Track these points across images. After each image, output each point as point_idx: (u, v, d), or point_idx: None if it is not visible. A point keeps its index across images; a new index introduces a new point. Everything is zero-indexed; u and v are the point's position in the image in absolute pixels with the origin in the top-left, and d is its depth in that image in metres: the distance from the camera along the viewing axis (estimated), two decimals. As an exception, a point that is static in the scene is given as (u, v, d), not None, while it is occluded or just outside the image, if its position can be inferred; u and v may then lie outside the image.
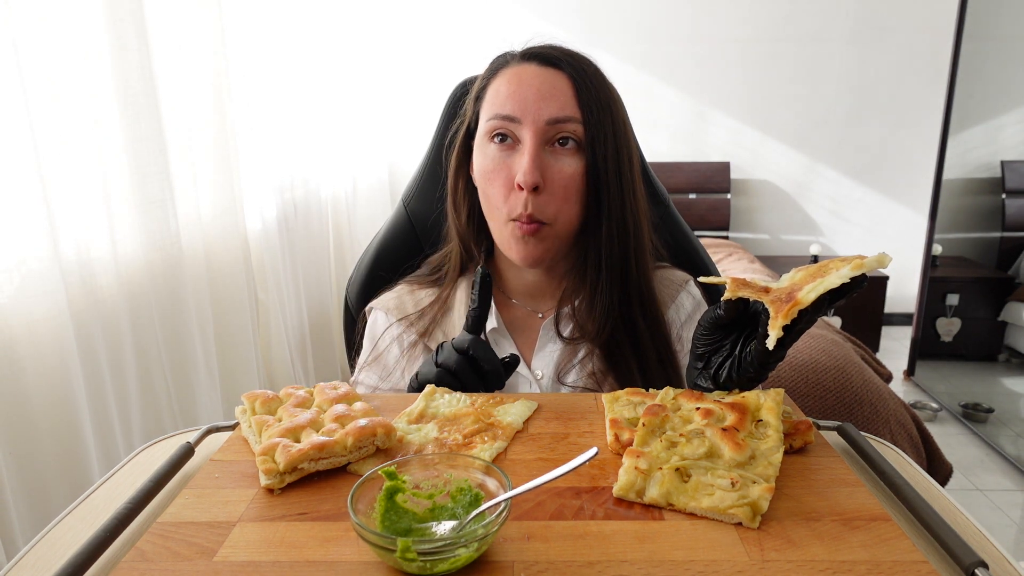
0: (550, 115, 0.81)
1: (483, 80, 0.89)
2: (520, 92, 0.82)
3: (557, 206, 0.83)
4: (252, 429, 0.64)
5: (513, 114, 0.82)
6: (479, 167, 0.87)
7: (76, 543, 0.49)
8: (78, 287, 1.31)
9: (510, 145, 0.83)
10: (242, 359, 1.88)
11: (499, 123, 0.83)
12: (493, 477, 0.51)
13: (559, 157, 0.83)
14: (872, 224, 4.00)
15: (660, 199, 1.09)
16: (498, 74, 0.87)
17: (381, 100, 3.22)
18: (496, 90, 0.85)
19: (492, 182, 0.84)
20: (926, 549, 0.50)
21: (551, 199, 0.82)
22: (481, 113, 0.87)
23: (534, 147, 0.81)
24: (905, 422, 1.98)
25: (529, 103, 0.82)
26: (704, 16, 3.79)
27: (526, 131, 0.82)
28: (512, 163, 0.83)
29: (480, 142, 0.87)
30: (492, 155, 0.84)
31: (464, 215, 0.94)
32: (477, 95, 0.89)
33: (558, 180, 0.82)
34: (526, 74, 0.84)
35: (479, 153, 0.87)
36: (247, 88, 1.94)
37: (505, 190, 0.83)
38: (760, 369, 0.64)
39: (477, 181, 0.89)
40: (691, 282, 0.98)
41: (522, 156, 0.81)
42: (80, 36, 1.29)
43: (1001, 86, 3.16)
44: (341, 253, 2.80)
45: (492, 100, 0.85)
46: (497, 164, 0.83)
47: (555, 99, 0.82)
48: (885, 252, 0.57)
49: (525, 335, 0.95)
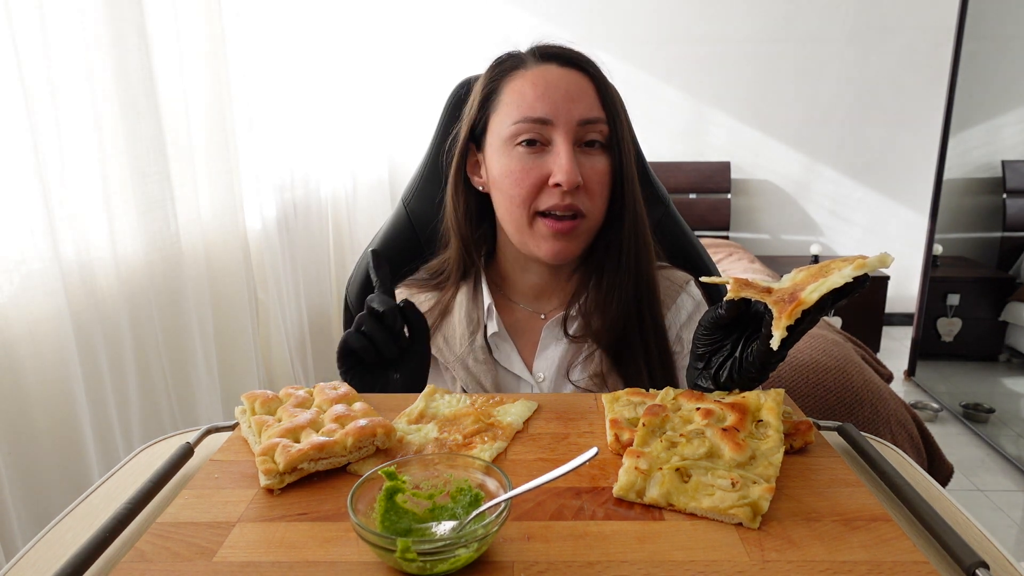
0: (581, 116, 0.83)
1: (491, 82, 0.88)
2: (549, 93, 0.82)
3: (593, 201, 0.85)
4: (252, 429, 0.64)
5: (545, 116, 0.82)
6: (502, 169, 0.85)
7: (76, 543, 0.49)
8: (78, 287, 1.30)
9: (538, 147, 0.83)
10: (242, 359, 1.88)
11: (529, 126, 0.83)
12: (493, 477, 0.51)
13: (590, 156, 0.84)
14: (872, 224, 4.00)
15: (660, 199, 1.09)
16: (513, 76, 0.86)
17: (381, 99, 3.21)
18: (519, 92, 0.84)
19: (520, 182, 0.84)
20: (927, 549, 0.50)
21: (588, 195, 0.84)
22: (497, 116, 0.86)
23: (570, 147, 0.82)
24: (906, 422, 1.98)
25: (560, 104, 0.82)
26: (704, 16, 3.79)
27: (559, 132, 0.82)
28: (544, 164, 0.83)
29: (500, 145, 0.86)
30: (519, 157, 0.84)
31: (463, 217, 0.94)
32: (486, 97, 0.88)
33: (593, 177, 0.84)
34: (551, 75, 0.84)
35: (500, 155, 0.86)
36: (247, 88, 1.94)
37: (536, 188, 0.83)
38: (761, 370, 0.64)
39: (496, 182, 0.87)
40: (691, 283, 0.98)
41: (558, 156, 0.82)
42: (80, 36, 1.29)
43: (1001, 86, 3.16)
44: (341, 253, 2.80)
45: (516, 103, 0.84)
46: (526, 165, 0.83)
47: (583, 100, 0.83)
48: (887, 252, 0.57)
49: (527, 337, 0.95)
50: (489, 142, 0.88)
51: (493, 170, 0.87)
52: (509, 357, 0.93)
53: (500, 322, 0.94)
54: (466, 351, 0.91)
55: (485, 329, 0.93)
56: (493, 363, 0.92)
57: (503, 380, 0.92)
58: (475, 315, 0.93)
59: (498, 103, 0.87)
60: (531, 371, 0.93)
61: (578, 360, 0.91)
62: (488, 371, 0.91)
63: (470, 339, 0.92)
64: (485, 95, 0.88)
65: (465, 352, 0.91)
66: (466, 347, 0.91)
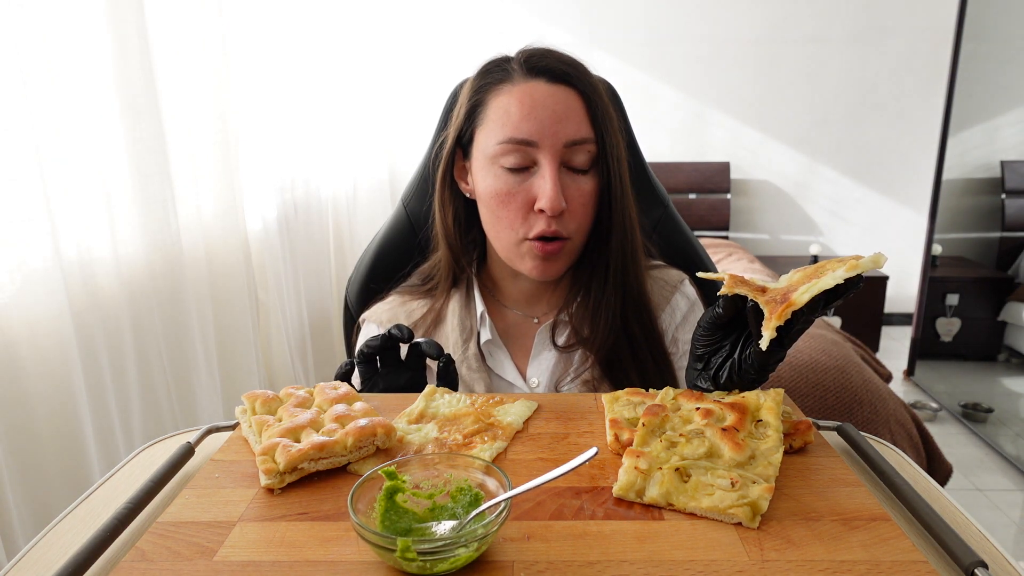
0: (568, 136, 0.80)
1: (477, 93, 0.85)
2: (535, 114, 0.80)
3: (577, 222, 0.84)
4: (252, 429, 0.64)
5: (530, 138, 0.80)
6: (487, 188, 0.84)
7: (76, 543, 0.49)
8: (79, 287, 1.31)
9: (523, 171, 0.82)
10: (242, 359, 1.88)
11: (513, 147, 0.80)
12: (493, 477, 0.51)
13: (575, 177, 0.83)
14: (872, 224, 4.00)
15: (660, 199, 1.09)
16: (499, 90, 0.83)
17: (381, 101, 3.21)
18: (504, 110, 0.82)
19: (506, 204, 0.82)
20: (926, 549, 0.50)
21: (572, 217, 0.83)
22: (483, 131, 0.84)
23: (555, 172, 0.80)
24: (905, 422, 1.98)
25: (546, 126, 0.80)
26: (704, 16, 3.79)
27: (544, 155, 0.80)
28: (529, 187, 0.81)
29: (485, 162, 0.84)
30: (504, 178, 0.82)
31: (452, 223, 0.92)
32: (472, 109, 0.86)
33: (577, 199, 0.83)
34: (538, 93, 0.81)
35: (485, 173, 0.84)
36: (247, 88, 1.94)
37: (522, 212, 0.82)
38: (760, 370, 0.64)
39: (482, 198, 0.86)
40: (686, 281, 0.97)
41: (543, 180, 0.80)
42: (81, 36, 1.29)
43: (1001, 86, 3.17)
44: (341, 253, 2.80)
45: (501, 121, 0.82)
46: (511, 187, 0.82)
47: (570, 120, 0.81)
48: (881, 252, 0.57)
49: (520, 342, 0.94)
50: (475, 155, 0.86)
51: (479, 185, 0.86)
52: (503, 364, 0.92)
53: (493, 329, 0.93)
54: (459, 359, 0.90)
55: (478, 337, 0.92)
56: (487, 371, 0.91)
57: (497, 387, 0.92)
58: (468, 323, 0.92)
59: (484, 117, 0.84)
60: (525, 377, 0.92)
61: (571, 367, 0.90)
62: (482, 379, 0.90)
63: (463, 347, 0.91)
64: (472, 106, 0.86)
65: (458, 360, 0.90)
66: (459, 355, 0.90)
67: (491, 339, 0.92)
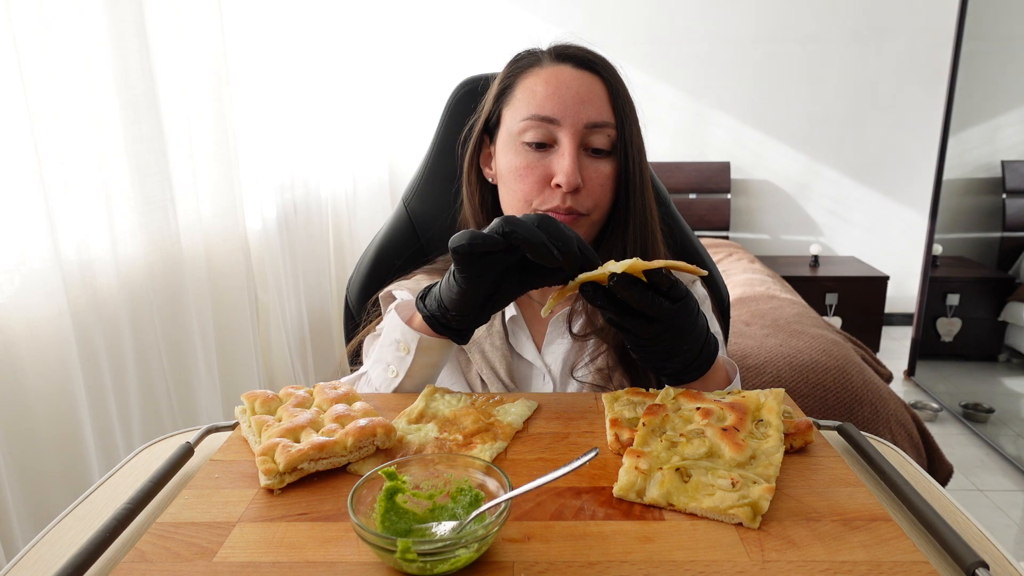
0: (589, 118, 0.83)
1: (508, 78, 0.89)
2: (559, 93, 0.83)
3: (594, 200, 0.85)
4: (252, 429, 0.64)
5: (553, 115, 0.83)
6: (507, 164, 0.87)
7: (76, 543, 0.49)
8: (78, 287, 1.31)
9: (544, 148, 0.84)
10: (242, 359, 1.88)
11: (536, 123, 0.83)
12: (493, 477, 0.51)
13: (594, 159, 0.85)
14: (872, 224, 4.00)
15: (660, 199, 1.09)
16: (528, 73, 0.87)
17: (381, 100, 3.21)
18: (530, 89, 0.85)
19: (523, 179, 0.84)
20: (927, 549, 0.50)
21: (588, 195, 0.85)
22: (509, 111, 0.87)
23: (575, 149, 0.82)
24: (905, 422, 1.98)
25: (569, 105, 0.82)
26: (705, 16, 3.79)
27: (565, 133, 0.83)
28: (549, 163, 0.84)
29: (508, 140, 0.87)
30: (524, 153, 0.85)
31: (479, 208, 0.95)
32: (501, 91, 0.89)
33: (595, 180, 0.84)
34: (564, 75, 0.84)
35: (507, 151, 0.87)
36: (247, 88, 1.94)
37: (539, 186, 0.84)
38: (640, 351, 0.69)
39: (502, 176, 0.89)
40: (697, 281, 0.99)
41: (562, 157, 0.82)
42: (81, 36, 1.29)
43: (1001, 86, 3.16)
44: (341, 253, 2.80)
45: (526, 99, 0.85)
46: (531, 162, 0.84)
47: (593, 103, 0.83)
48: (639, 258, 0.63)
49: (536, 326, 0.96)
50: (500, 136, 0.89)
51: (500, 164, 0.89)
52: (523, 344, 0.94)
53: (518, 308, 0.95)
54: (483, 335, 0.92)
55: (504, 313, 0.93)
56: (508, 348, 0.93)
57: (516, 367, 0.93)
58: None
59: (511, 98, 0.88)
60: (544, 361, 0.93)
61: (584, 355, 0.91)
62: (503, 357, 0.91)
63: (489, 323, 0.92)
64: (501, 89, 0.90)
65: (482, 336, 0.92)
66: (484, 330, 0.92)
67: (515, 316, 0.93)
